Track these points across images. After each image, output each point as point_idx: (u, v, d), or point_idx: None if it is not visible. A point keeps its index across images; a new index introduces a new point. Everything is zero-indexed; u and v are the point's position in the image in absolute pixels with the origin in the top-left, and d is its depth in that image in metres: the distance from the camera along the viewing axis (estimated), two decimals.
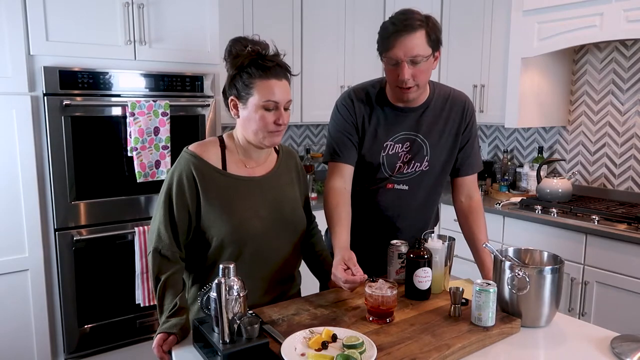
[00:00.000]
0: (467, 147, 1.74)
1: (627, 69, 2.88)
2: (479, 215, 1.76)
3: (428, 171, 1.70)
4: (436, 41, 1.54)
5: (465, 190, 1.78)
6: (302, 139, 3.91)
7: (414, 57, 1.50)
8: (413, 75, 1.53)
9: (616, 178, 2.97)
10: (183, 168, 1.39)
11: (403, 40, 1.49)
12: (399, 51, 1.50)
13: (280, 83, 1.37)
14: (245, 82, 1.36)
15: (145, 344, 2.65)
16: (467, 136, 1.73)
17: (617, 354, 1.19)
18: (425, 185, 1.73)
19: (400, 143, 1.68)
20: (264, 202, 1.45)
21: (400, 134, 1.67)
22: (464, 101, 1.72)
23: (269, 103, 1.35)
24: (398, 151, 1.68)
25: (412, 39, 1.49)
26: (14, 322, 2.34)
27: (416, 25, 1.49)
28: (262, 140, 1.40)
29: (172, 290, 1.35)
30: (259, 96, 1.35)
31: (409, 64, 1.51)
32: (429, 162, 1.69)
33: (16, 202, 2.30)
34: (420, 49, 1.50)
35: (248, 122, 1.39)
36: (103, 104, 2.44)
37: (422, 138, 1.68)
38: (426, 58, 1.52)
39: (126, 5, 2.45)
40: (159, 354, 1.24)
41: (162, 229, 1.37)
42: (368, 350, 1.12)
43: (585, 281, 2.48)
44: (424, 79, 1.57)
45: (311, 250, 1.65)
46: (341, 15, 3.50)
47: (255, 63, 1.35)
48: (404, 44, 1.50)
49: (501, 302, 1.37)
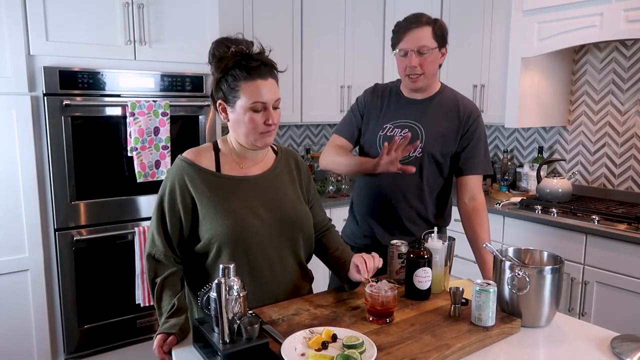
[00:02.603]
0: (468, 149, 1.82)
1: (627, 69, 2.88)
2: (482, 216, 1.81)
3: (422, 159, 1.79)
4: (442, 38, 1.76)
5: (469, 192, 1.82)
6: (302, 139, 3.91)
7: (421, 48, 1.72)
8: (420, 63, 1.73)
9: (616, 178, 2.97)
10: (175, 175, 1.40)
11: (411, 33, 1.73)
12: (408, 42, 1.73)
13: (266, 82, 1.35)
14: (230, 85, 1.35)
15: (145, 344, 2.65)
16: (468, 141, 1.82)
17: (617, 354, 1.19)
18: (420, 173, 1.80)
19: (399, 128, 1.82)
20: (260, 201, 1.44)
21: (402, 120, 1.83)
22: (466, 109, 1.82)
23: (256, 104, 1.34)
24: (396, 135, 1.81)
25: (418, 32, 1.72)
26: (14, 322, 2.34)
27: (424, 21, 1.73)
28: (255, 142, 1.40)
29: (170, 291, 1.35)
30: (246, 98, 1.34)
31: (416, 54, 1.72)
32: (422, 149, 1.79)
33: (16, 203, 2.30)
34: (427, 40, 1.72)
35: (238, 125, 1.39)
36: (103, 104, 2.44)
37: (419, 126, 1.81)
38: (432, 50, 1.73)
39: (126, 5, 2.45)
40: (159, 355, 1.24)
41: (155, 235, 1.40)
42: (368, 350, 1.12)
43: (585, 281, 2.48)
44: (430, 69, 1.75)
45: (325, 248, 1.61)
46: (341, 15, 3.50)
47: (239, 64, 1.33)
48: (411, 36, 1.73)
49: (501, 302, 1.37)
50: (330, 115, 3.58)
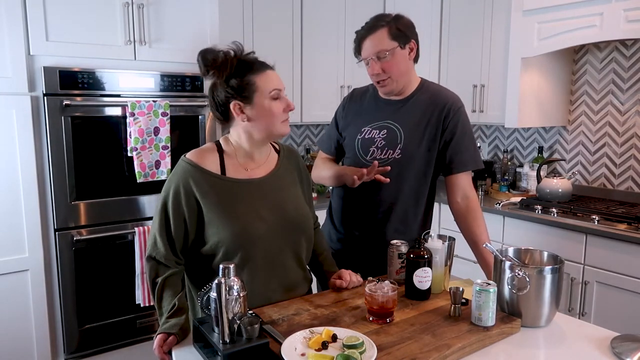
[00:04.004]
0: (453, 145, 1.73)
1: (627, 69, 2.88)
2: (477, 216, 1.74)
3: (401, 160, 1.73)
4: (402, 35, 1.68)
5: (461, 190, 1.76)
6: (302, 139, 3.91)
7: (378, 53, 1.67)
8: (383, 69, 1.69)
9: (616, 178, 2.97)
10: (180, 178, 1.38)
11: (367, 40, 1.70)
12: (365, 50, 1.71)
13: (273, 72, 1.42)
14: (242, 82, 1.36)
15: (145, 344, 2.65)
16: (450, 135, 1.73)
17: (617, 354, 1.19)
18: (400, 176, 1.74)
19: (377, 129, 1.79)
20: (265, 204, 1.44)
21: (379, 122, 1.79)
22: (445, 102, 1.75)
23: (275, 92, 1.39)
24: (374, 136, 1.78)
25: (373, 38, 1.68)
26: (14, 322, 2.35)
27: (379, 25, 1.68)
28: (277, 131, 1.42)
29: (171, 292, 1.35)
30: (264, 89, 1.37)
31: (376, 60, 1.68)
32: (401, 151, 1.74)
33: (16, 203, 2.30)
34: (383, 44, 1.67)
35: (259, 118, 1.39)
36: (103, 104, 2.44)
37: (397, 126, 1.76)
38: (390, 52, 1.67)
39: (126, 5, 2.45)
40: (159, 355, 1.23)
41: (158, 237, 1.38)
42: (368, 350, 1.12)
43: (585, 281, 2.48)
44: (395, 71, 1.70)
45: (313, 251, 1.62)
46: (341, 15, 3.50)
47: (243, 62, 1.38)
48: (367, 43, 1.70)
49: (501, 302, 1.37)
50: (330, 115, 3.52)
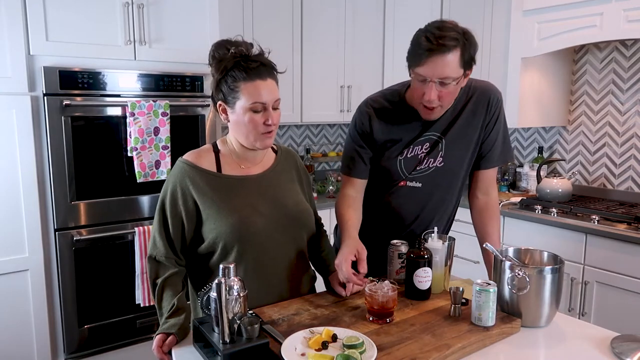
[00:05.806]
0: (489, 139, 1.66)
1: (627, 69, 2.88)
2: (494, 216, 1.73)
3: (442, 168, 1.64)
4: (469, 61, 1.47)
5: (484, 186, 1.73)
6: (302, 139, 3.91)
7: (444, 79, 1.43)
8: (439, 96, 1.47)
9: (616, 178, 2.97)
10: (177, 177, 1.41)
11: (434, 59, 1.41)
12: (429, 70, 1.43)
13: (265, 83, 1.35)
14: (230, 86, 1.36)
15: (145, 344, 2.65)
16: (491, 128, 1.66)
17: (617, 354, 1.19)
18: (440, 184, 1.67)
19: (419, 145, 1.64)
20: (263, 199, 1.44)
21: (420, 138, 1.63)
22: (488, 94, 1.65)
23: (256, 105, 1.34)
24: (417, 153, 1.64)
25: (444, 60, 1.41)
26: (14, 322, 2.34)
27: (451, 45, 1.40)
28: (254, 143, 1.40)
29: (171, 292, 1.35)
30: (246, 99, 1.34)
31: (437, 85, 1.45)
32: (443, 158, 1.63)
33: (16, 203, 2.29)
34: (452, 70, 1.42)
35: (238, 125, 1.39)
36: (103, 104, 2.44)
37: (439, 135, 1.63)
38: (456, 80, 1.45)
39: (126, 5, 2.45)
40: (159, 355, 1.24)
41: (157, 237, 1.41)
42: (368, 350, 1.12)
43: (585, 281, 2.48)
44: (449, 100, 1.53)
45: (315, 248, 1.63)
46: (341, 15, 3.50)
47: (238, 65, 1.34)
48: (434, 64, 1.42)
49: (501, 302, 1.37)
50: (330, 115, 3.58)
